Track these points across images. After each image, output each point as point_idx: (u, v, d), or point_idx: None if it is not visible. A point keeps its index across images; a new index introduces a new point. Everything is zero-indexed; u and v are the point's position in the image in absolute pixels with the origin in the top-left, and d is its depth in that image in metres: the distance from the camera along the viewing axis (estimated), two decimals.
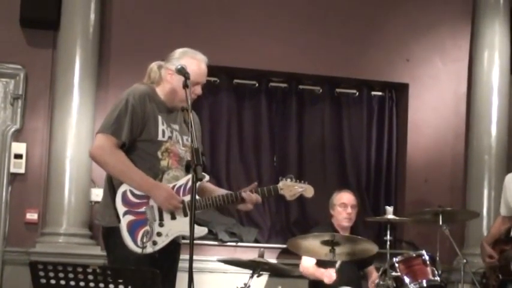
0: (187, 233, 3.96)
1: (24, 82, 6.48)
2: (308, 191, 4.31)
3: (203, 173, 3.96)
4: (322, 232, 5.78)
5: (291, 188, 4.25)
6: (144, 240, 3.90)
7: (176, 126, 4.15)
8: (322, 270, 5.82)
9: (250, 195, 4.13)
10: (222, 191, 4.26)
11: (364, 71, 7.10)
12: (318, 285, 6.06)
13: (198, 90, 4.16)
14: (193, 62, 4.14)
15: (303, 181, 4.31)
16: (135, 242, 3.92)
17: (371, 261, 6.15)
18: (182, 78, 3.97)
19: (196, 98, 4.17)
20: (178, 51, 4.20)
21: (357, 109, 7.25)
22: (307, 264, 5.99)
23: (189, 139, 4.10)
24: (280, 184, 4.24)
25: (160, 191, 3.97)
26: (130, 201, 3.99)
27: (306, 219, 6.98)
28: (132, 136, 4.02)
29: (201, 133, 4.45)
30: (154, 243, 3.94)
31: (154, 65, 4.23)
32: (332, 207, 6.21)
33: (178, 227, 4.01)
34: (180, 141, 4.14)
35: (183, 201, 4.02)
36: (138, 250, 3.89)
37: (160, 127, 4.08)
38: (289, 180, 4.26)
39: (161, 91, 4.15)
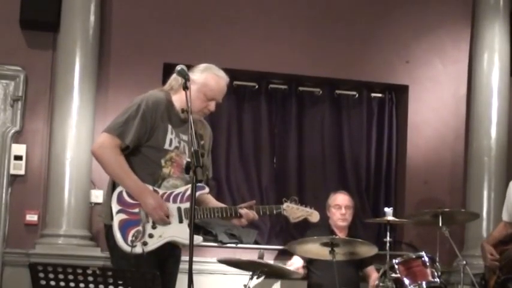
0: (179, 238, 4.02)
1: (24, 84, 6.48)
2: (314, 216, 4.35)
3: (204, 185, 4.00)
4: (319, 233, 5.87)
5: (295, 210, 4.28)
6: (134, 240, 3.90)
7: (185, 137, 4.14)
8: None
9: (248, 213, 4.15)
10: (221, 205, 4.28)
11: (364, 72, 7.11)
12: (317, 286, 6.08)
13: (211, 106, 4.17)
14: (214, 77, 4.18)
15: (308, 206, 4.33)
16: (125, 240, 3.93)
17: (370, 262, 6.16)
18: (199, 91, 4.02)
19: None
20: (203, 65, 4.24)
21: (357, 111, 7.25)
22: (292, 263, 6.05)
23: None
24: (284, 206, 4.25)
25: (149, 200, 3.98)
26: (125, 201, 4.01)
27: (306, 221, 6.96)
28: (138, 141, 4.04)
29: (210, 146, 4.43)
30: (145, 243, 3.95)
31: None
32: (328, 209, 6.27)
33: (172, 231, 4.02)
34: (187, 152, 4.13)
35: (179, 208, 4.03)
36: (128, 249, 3.90)
37: (169, 136, 4.09)
38: (293, 203, 4.28)
39: (177, 100, 4.15)
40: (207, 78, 4.14)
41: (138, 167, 4.05)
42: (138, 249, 3.91)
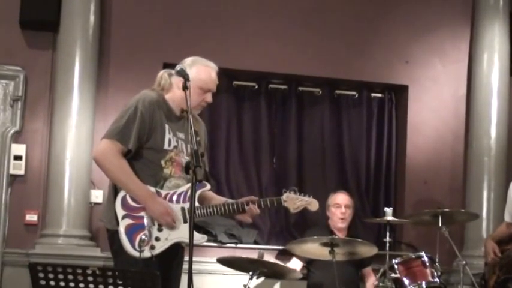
0: (185, 239, 4.00)
1: (24, 84, 6.48)
2: (313, 204, 4.34)
3: (205, 182, 4.00)
4: (318, 233, 5.87)
5: (294, 200, 4.29)
6: (142, 245, 3.90)
7: (182, 135, 4.16)
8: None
9: (252, 209, 4.15)
10: (223, 200, 4.28)
11: (364, 72, 7.10)
12: (317, 286, 6.08)
13: (208, 97, 4.20)
14: (205, 69, 4.19)
15: (307, 195, 4.34)
16: (133, 245, 3.94)
17: (369, 262, 6.16)
18: (194, 86, 3.99)
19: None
20: (190, 59, 4.24)
21: (357, 111, 7.25)
22: (292, 266, 6.06)
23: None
24: (284, 196, 4.28)
25: (155, 206, 3.98)
26: (129, 206, 4.00)
27: (305, 221, 6.97)
28: (139, 144, 4.03)
29: (206, 141, 4.45)
30: (152, 247, 3.95)
31: (164, 73, 4.23)
32: (327, 209, 6.26)
33: (177, 233, 4.03)
34: (185, 150, 4.15)
35: (182, 209, 4.03)
36: (136, 254, 3.90)
37: (167, 136, 4.09)
38: (292, 192, 4.29)
39: (171, 98, 4.16)
40: (199, 72, 4.14)
41: (139, 169, 4.04)
42: (147, 253, 3.92)
